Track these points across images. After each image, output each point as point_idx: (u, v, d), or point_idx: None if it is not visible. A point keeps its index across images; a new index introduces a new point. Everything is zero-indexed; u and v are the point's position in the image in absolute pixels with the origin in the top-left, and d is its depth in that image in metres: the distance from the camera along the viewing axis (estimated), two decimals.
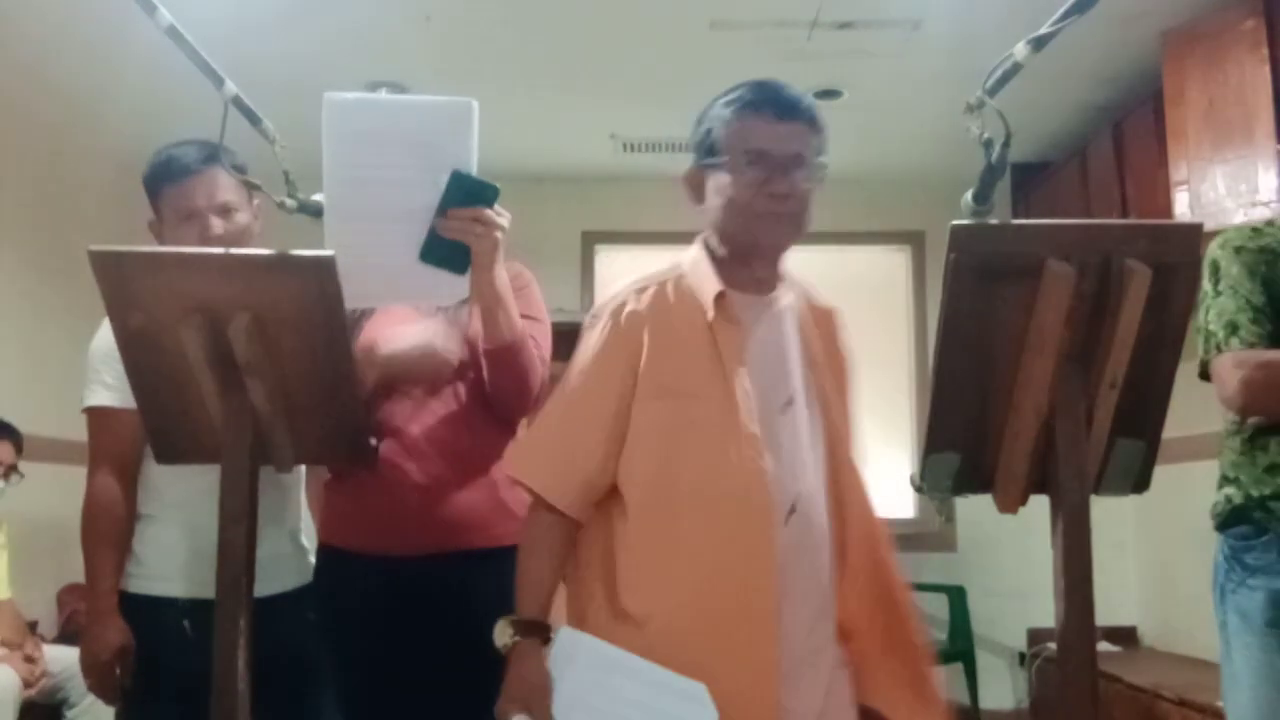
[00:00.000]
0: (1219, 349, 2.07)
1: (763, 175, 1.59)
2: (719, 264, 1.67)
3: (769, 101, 1.63)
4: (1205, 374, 2.13)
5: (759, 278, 1.68)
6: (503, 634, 1.60)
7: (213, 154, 1.94)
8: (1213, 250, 2.15)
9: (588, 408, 1.65)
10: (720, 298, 1.62)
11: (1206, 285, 2.13)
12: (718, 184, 1.63)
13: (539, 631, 1.60)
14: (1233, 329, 2.06)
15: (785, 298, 1.70)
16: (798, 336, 1.67)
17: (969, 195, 1.54)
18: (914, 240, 5.64)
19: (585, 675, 1.53)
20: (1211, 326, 2.10)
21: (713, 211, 1.66)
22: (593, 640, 1.56)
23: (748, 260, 1.66)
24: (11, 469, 3.69)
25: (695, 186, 1.68)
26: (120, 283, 1.59)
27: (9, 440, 3.69)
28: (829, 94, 4.37)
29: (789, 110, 1.62)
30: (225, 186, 2.05)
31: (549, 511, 1.64)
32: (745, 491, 1.55)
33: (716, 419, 1.58)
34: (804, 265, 1.77)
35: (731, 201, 1.61)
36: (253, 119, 1.76)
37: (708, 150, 1.65)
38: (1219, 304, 2.09)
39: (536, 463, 1.68)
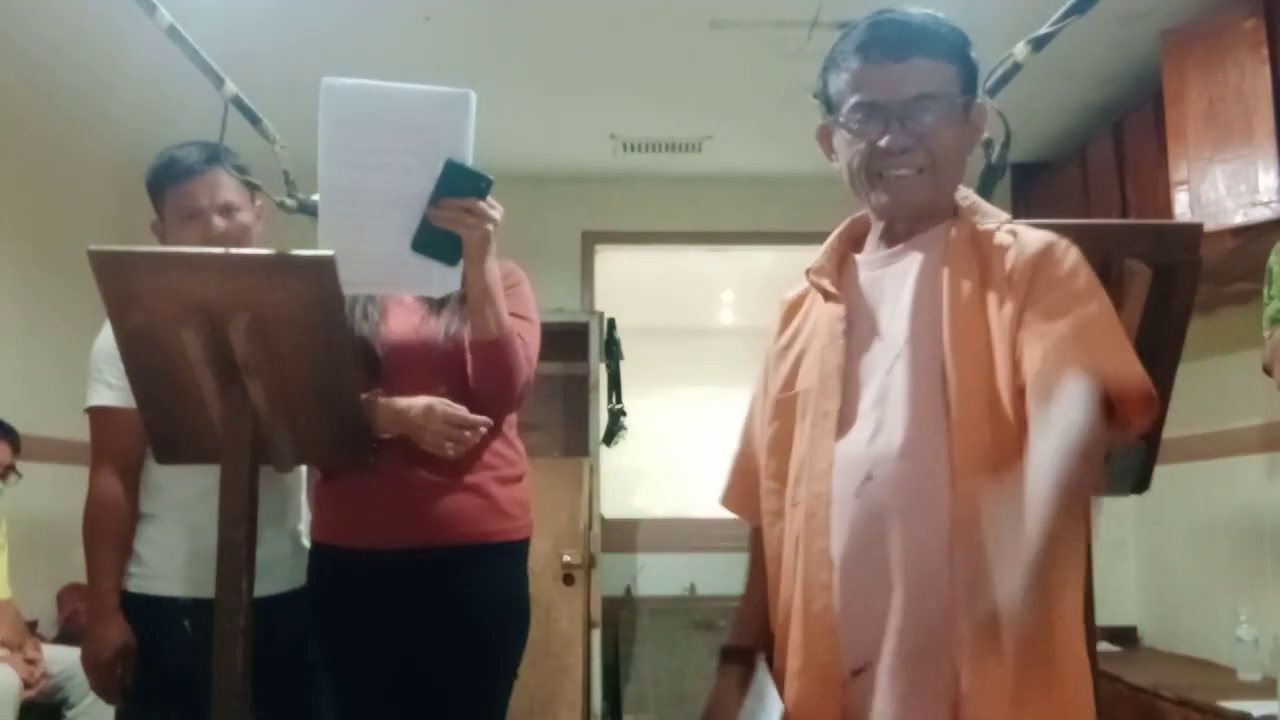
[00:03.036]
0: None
1: (877, 129, 1.36)
2: (862, 226, 1.51)
3: (880, 42, 1.38)
4: (1269, 370, 2.21)
5: (900, 231, 1.44)
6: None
7: (215, 154, 1.95)
8: (1271, 258, 2.29)
9: (752, 420, 1.55)
10: (817, 270, 1.48)
11: (1266, 291, 2.26)
12: (838, 142, 1.44)
13: (734, 658, 1.50)
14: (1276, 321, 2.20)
15: (938, 238, 1.41)
16: (931, 278, 1.38)
17: None
18: None
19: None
20: (1265, 331, 2.17)
21: (843, 170, 1.45)
22: (772, 688, 1.39)
23: (887, 224, 1.45)
24: (9, 469, 3.69)
25: (825, 143, 1.48)
26: (120, 283, 1.60)
27: (6, 441, 3.69)
28: None
29: (905, 47, 1.37)
30: (228, 186, 2.05)
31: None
32: (810, 468, 1.37)
33: (806, 404, 1.42)
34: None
35: (848, 165, 1.42)
36: (253, 119, 1.76)
37: (826, 104, 1.44)
38: (1273, 306, 2.18)
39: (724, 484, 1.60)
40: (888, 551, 1.30)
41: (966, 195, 1.43)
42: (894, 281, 1.40)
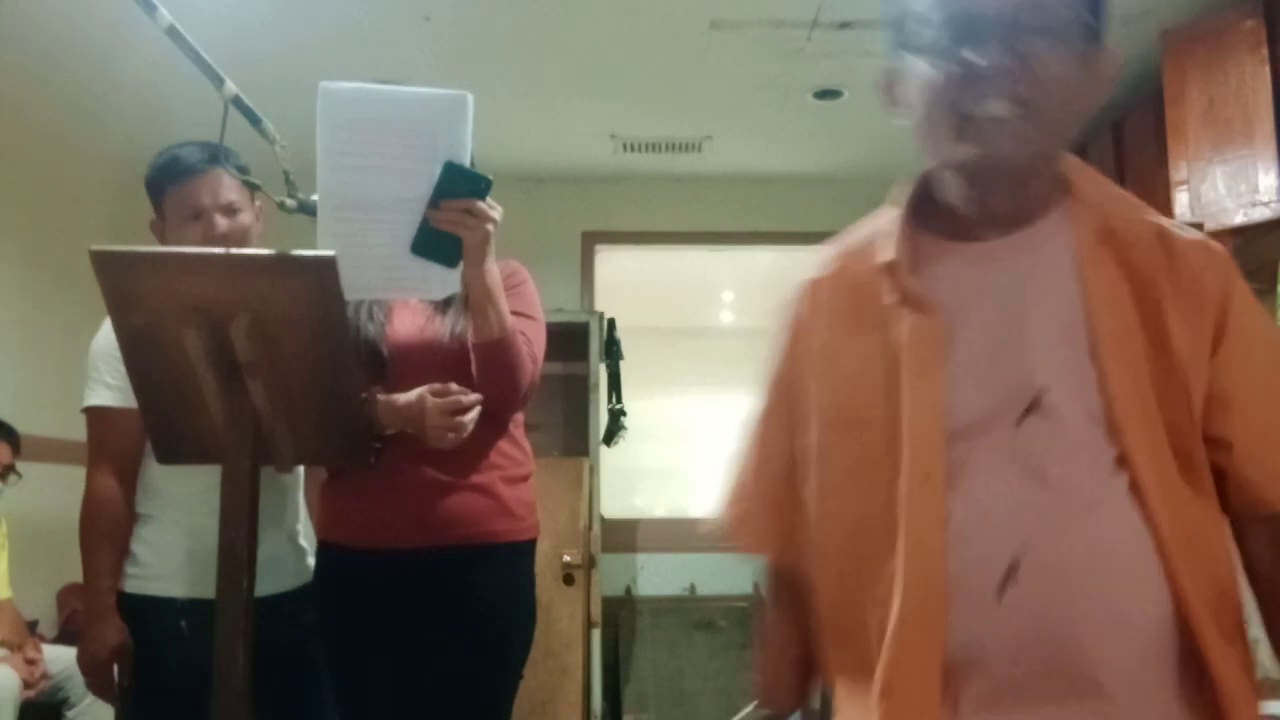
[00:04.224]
0: None
1: (971, 59, 1.00)
2: (933, 204, 1.12)
3: None
4: None
5: (997, 212, 1.08)
6: None
7: (216, 154, 1.94)
8: None
9: (770, 432, 1.22)
10: (893, 268, 1.09)
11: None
12: (912, 82, 1.07)
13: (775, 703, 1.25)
14: None
15: (1058, 228, 1.08)
16: (1076, 287, 1.04)
17: None
18: None
19: None
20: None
21: (916, 126, 1.09)
22: None
23: (975, 192, 1.08)
24: (9, 469, 3.69)
25: (890, 92, 1.13)
26: (121, 283, 1.60)
27: (6, 441, 3.69)
28: (829, 94, 4.37)
29: None
30: (229, 186, 2.05)
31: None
32: (911, 568, 1.00)
33: (882, 457, 1.04)
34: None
35: (929, 107, 1.05)
36: (253, 119, 1.76)
37: (899, 36, 1.09)
38: None
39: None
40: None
41: (1074, 164, 1.12)
42: (1003, 287, 1.06)
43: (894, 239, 1.10)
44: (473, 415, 1.90)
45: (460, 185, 1.68)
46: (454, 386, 1.89)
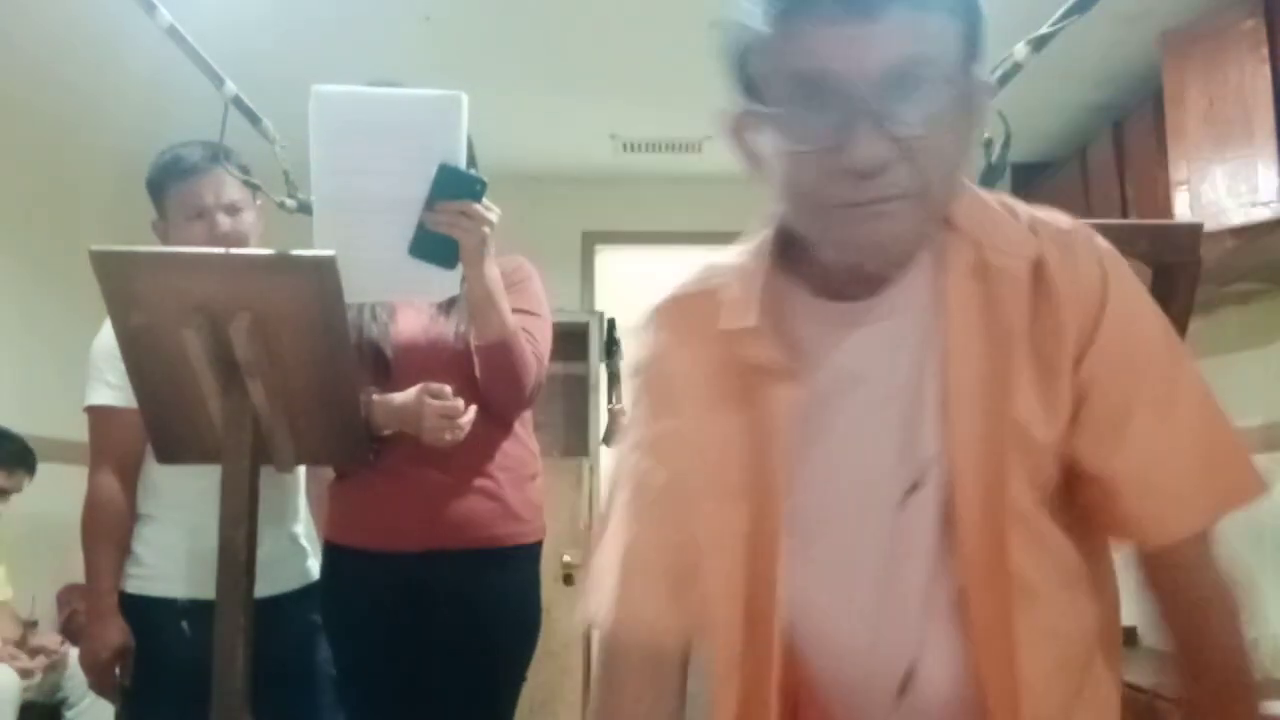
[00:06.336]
0: None
1: (833, 132, 0.83)
2: (797, 254, 0.98)
3: None
4: None
5: (872, 276, 0.95)
6: None
7: (217, 154, 1.95)
8: None
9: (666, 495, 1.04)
10: (754, 337, 0.96)
11: None
12: (768, 145, 0.90)
13: None
14: None
15: (929, 271, 0.95)
16: (955, 340, 0.93)
17: None
18: None
19: None
20: None
21: (773, 185, 0.92)
22: None
23: (853, 266, 0.93)
24: (6, 492, 3.70)
25: (738, 142, 0.94)
26: (121, 283, 1.60)
27: (23, 466, 3.70)
28: None
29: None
30: (231, 185, 2.05)
31: None
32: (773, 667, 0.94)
33: (749, 543, 0.96)
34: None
35: (791, 187, 0.90)
36: (253, 119, 1.76)
37: (746, 85, 0.92)
38: None
39: None
40: None
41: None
42: (878, 351, 0.95)
43: (753, 298, 0.97)
44: (469, 416, 1.89)
45: (455, 187, 1.68)
46: (446, 389, 1.89)
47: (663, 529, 1.00)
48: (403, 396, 1.90)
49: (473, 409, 1.90)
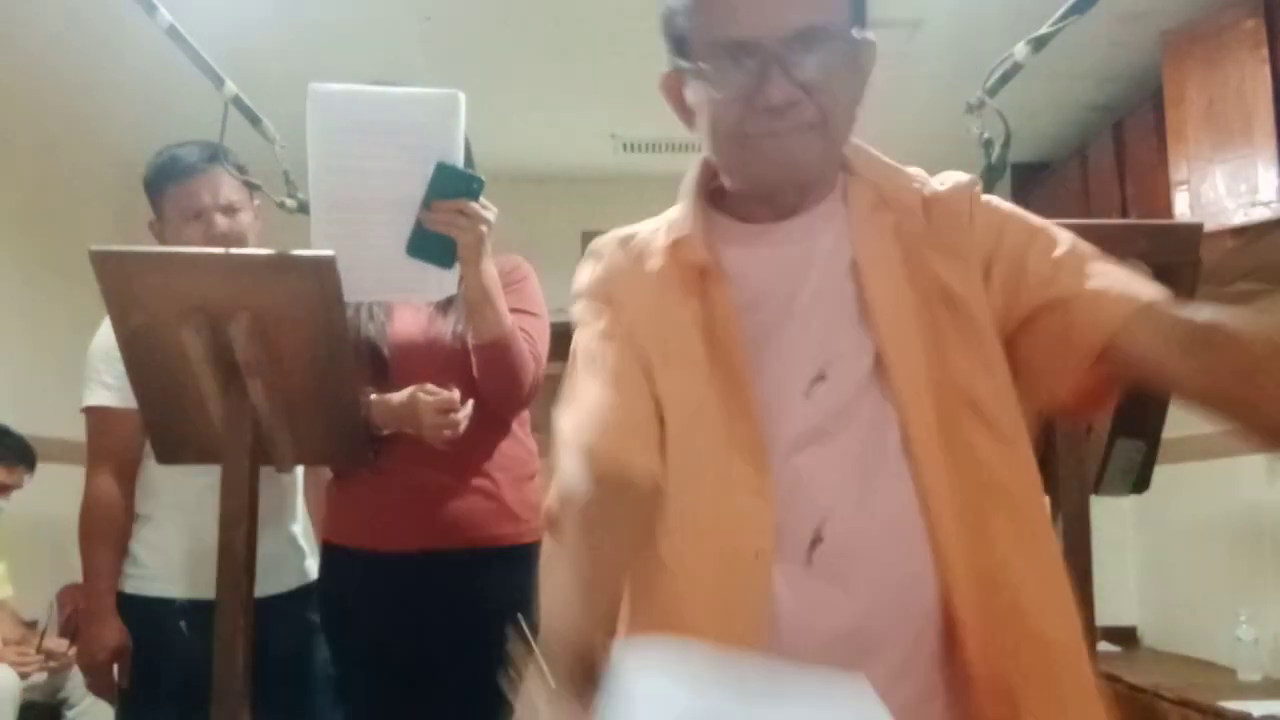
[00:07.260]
0: None
1: (750, 80, 1.04)
2: (719, 193, 1.18)
3: None
4: None
5: (784, 205, 1.13)
6: None
7: (215, 154, 1.95)
8: None
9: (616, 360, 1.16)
10: (689, 243, 1.13)
11: None
12: (696, 97, 1.11)
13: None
14: None
15: (836, 206, 1.14)
16: (850, 258, 1.11)
17: None
18: None
19: None
20: None
21: (701, 134, 1.14)
22: None
23: (766, 195, 1.13)
24: (9, 488, 3.71)
25: (675, 98, 1.15)
26: (121, 283, 1.60)
27: (22, 463, 3.70)
28: None
29: None
30: (229, 186, 2.05)
31: None
32: (724, 531, 1.04)
33: (693, 427, 1.08)
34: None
35: (714, 127, 1.09)
36: (252, 119, 1.76)
37: (677, 46, 1.11)
38: None
39: None
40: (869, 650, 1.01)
41: (851, 146, 1.17)
42: (791, 265, 1.11)
43: (689, 217, 1.15)
44: (467, 411, 1.89)
45: (452, 186, 1.67)
46: (431, 386, 1.89)
47: (628, 395, 1.10)
48: (398, 396, 1.90)
49: (470, 403, 1.89)
